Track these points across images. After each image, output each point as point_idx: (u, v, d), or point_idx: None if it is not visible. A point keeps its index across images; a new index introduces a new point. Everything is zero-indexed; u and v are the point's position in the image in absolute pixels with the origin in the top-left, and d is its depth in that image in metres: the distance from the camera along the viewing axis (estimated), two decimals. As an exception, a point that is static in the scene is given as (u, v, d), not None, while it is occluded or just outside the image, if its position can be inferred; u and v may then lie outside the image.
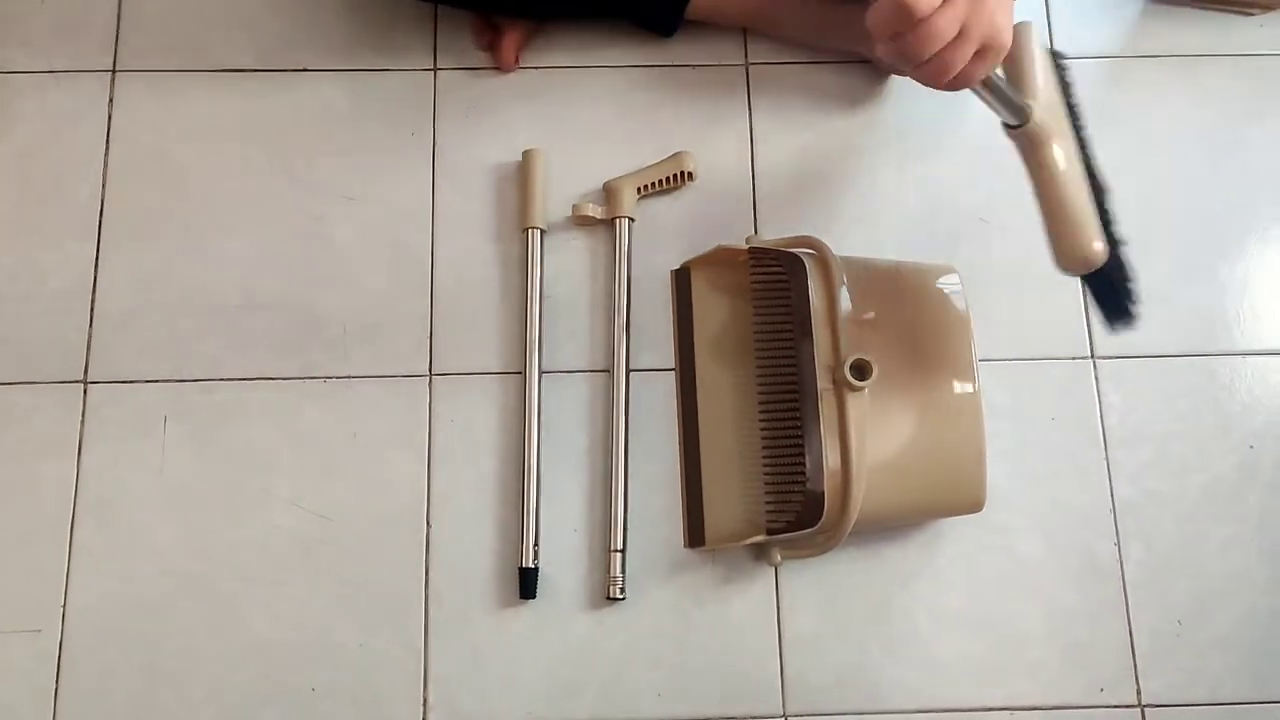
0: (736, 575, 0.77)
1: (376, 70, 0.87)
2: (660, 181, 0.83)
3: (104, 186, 0.83)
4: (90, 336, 0.79)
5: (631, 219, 0.82)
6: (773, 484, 0.72)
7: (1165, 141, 0.88)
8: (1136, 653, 0.77)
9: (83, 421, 0.78)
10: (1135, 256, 0.85)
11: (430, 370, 0.80)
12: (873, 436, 0.68)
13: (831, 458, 0.67)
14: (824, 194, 0.85)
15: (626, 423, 0.78)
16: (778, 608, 0.76)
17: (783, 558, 0.74)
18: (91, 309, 0.80)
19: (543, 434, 0.78)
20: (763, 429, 0.74)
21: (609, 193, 0.83)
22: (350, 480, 0.77)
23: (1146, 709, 0.76)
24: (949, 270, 0.75)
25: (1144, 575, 0.78)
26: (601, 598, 0.75)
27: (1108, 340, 0.83)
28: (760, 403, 0.75)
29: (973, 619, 0.77)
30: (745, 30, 0.88)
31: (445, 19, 0.88)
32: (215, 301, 0.81)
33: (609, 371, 0.80)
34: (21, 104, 0.85)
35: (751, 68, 0.88)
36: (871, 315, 0.71)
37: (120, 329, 0.80)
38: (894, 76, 0.87)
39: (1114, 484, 0.80)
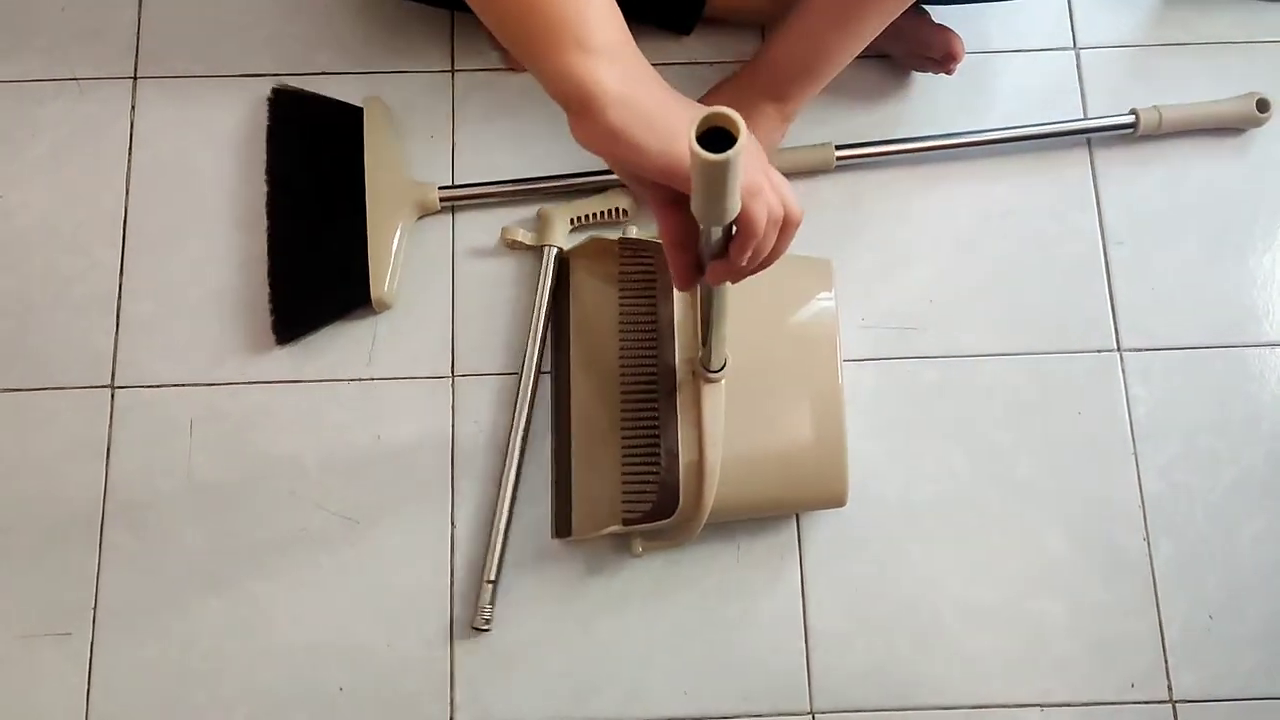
0: (762, 571, 0.77)
1: (394, 73, 0.87)
2: (594, 215, 0.80)
3: (128, 193, 0.84)
4: (116, 342, 0.80)
5: (560, 248, 0.80)
6: (631, 474, 0.71)
7: (1190, 129, 0.87)
8: (1167, 648, 0.76)
9: (110, 426, 0.78)
10: (1161, 246, 0.84)
11: (453, 372, 0.80)
12: (734, 428, 0.67)
13: (687, 448, 0.67)
14: (845, 190, 0.85)
15: (524, 437, 0.76)
16: (804, 605, 0.76)
17: (644, 549, 0.73)
18: (117, 314, 0.81)
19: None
20: (624, 419, 0.73)
21: (541, 220, 0.81)
22: (376, 481, 0.78)
23: (1178, 704, 0.75)
24: (825, 263, 0.73)
25: (1174, 570, 0.77)
26: (631, 596, 0.75)
27: (1134, 333, 0.82)
28: (623, 393, 0.74)
29: (1001, 615, 0.76)
30: (763, 27, 0.88)
31: (462, 20, 0.88)
32: (240, 304, 0.81)
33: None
34: (44, 112, 0.85)
35: (770, 63, 0.88)
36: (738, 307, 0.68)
37: (146, 334, 0.80)
38: (914, 73, 0.87)
39: (1142, 478, 0.79)
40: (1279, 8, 0.90)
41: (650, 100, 0.49)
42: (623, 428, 0.73)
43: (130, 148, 0.85)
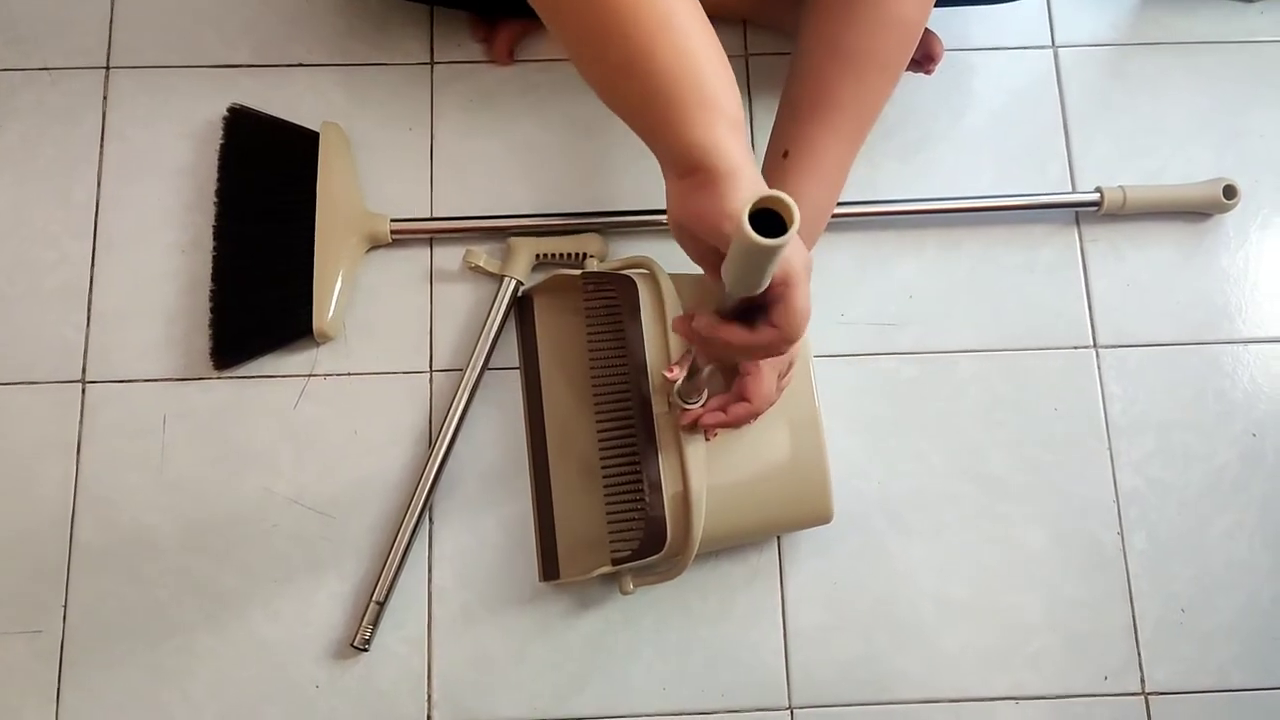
0: (740, 569, 0.77)
1: (373, 65, 0.86)
2: (561, 255, 0.79)
3: (99, 185, 0.82)
4: (88, 336, 0.79)
5: (520, 281, 0.78)
6: (616, 511, 0.70)
7: (1166, 128, 0.88)
8: (1140, 641, 0.77)
9: (81, 421, 0.77)
10: (1136, 243, 0.85)
11: (431, 367, 0.79)
12: (716, 458, 0.66)
13: (671, 480, 0.65)
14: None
15: (438, 472, 0.76)
16: (782, 600, 0.76)
17: (635, 585, 0.71)
18: (89, 308, 0.80)
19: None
20: (603, 454, 0.72)
21: (508, 249, 0.80)
22: (351, 477, 0.77)
23: (1150, 697, 0.76)
24: None
25: (1147, 564, 0.78)
26: (610, 593, 0.75)
27: (1110, 330, 0.82)
28: (599, 427, 0.72)
29: (977, 609, 0.77)
30: (745, 22, 0.88)
31: (441, 11, 0.87)
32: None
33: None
34: (15, 102, 0.84)
35: (751, 59, 0.88)
36: None
37: (118, 328, 0.79)
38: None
39: (1117, 473, 0.80)
40: (1255, 8, 0.91)
41: (758, 177, 0.45)
42: (603, 463, 0.71)
43: (102, 139, 0.83)
